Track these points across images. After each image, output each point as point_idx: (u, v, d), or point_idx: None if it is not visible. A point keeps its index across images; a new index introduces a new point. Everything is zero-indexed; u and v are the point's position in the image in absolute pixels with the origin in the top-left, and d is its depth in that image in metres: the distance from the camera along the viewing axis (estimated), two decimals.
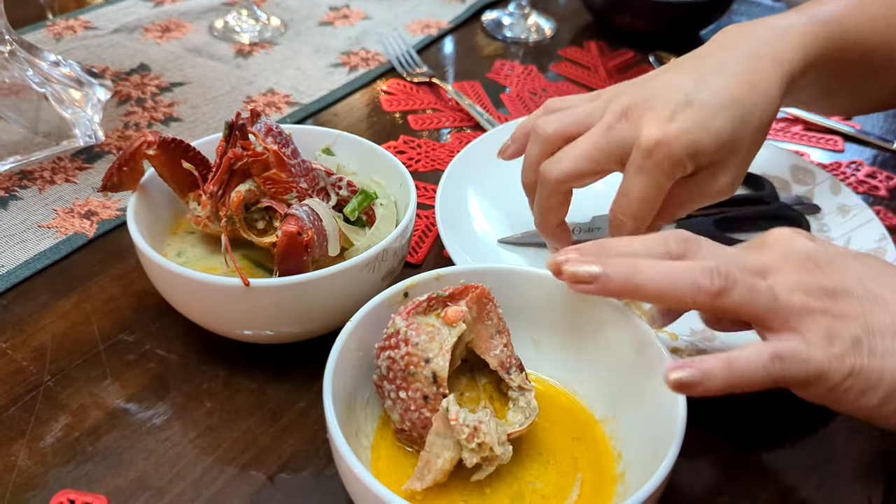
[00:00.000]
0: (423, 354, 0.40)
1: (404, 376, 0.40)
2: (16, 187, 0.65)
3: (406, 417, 0.41)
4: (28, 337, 0.52)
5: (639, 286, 0.37)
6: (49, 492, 0.43)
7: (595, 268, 0.38)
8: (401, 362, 0.40)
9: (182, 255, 0.53)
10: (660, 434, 0.40)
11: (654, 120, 0.46)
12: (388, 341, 0.41)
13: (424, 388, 0.40)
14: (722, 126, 0.47)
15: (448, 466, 0.39)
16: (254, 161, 0.47)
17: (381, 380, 0.41)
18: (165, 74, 0.82)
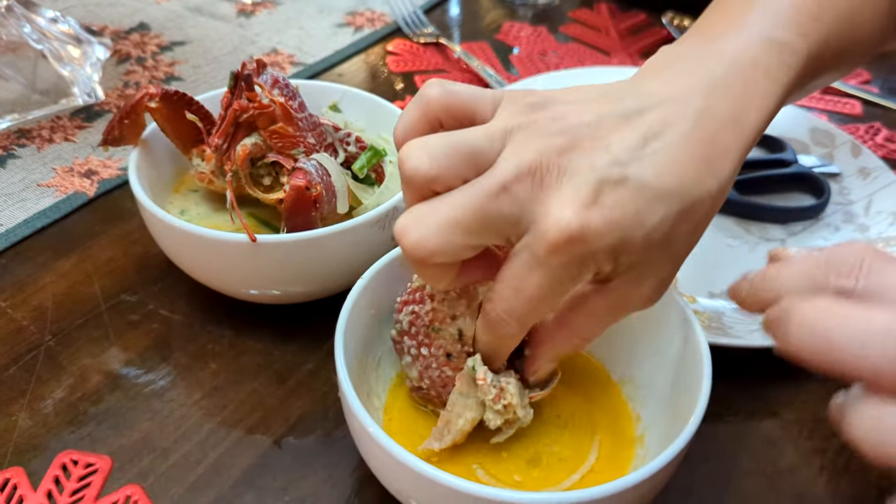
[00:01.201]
0: (449, 311, 0.39)
1: (427, 332, 0.39)
2: (14, 146, 0.63)
3: (426, 375, 0.39)
4: (28, 296, 0.51)
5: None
6: (51, 452, 0.42)
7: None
8: (425, 318, 0.39)
9: (185, 214, 0.51)
10: (680, 396, 0.38)
11: (571, 199, 0.31)
12: (412, 295, 0.40)
13: (448, 345, 0.39)
14: (660, 220, 0.33)
15: (469, 427, 0.37)
16: (260, 114, 0.46)
17: (400, 335, 0.40)
18: (166, 34, 0.80)
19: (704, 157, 0.34)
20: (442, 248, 0.32)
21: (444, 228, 0.32)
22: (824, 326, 0.27)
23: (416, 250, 0.32)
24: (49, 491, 0.40)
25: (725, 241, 0.58)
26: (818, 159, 0.64)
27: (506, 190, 0.32)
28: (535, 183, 0.32)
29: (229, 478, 0.41)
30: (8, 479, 0.40)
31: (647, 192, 0.32)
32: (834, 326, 0.27)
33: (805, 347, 0.28)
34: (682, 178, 0.33)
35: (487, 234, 0.33)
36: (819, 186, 0.61)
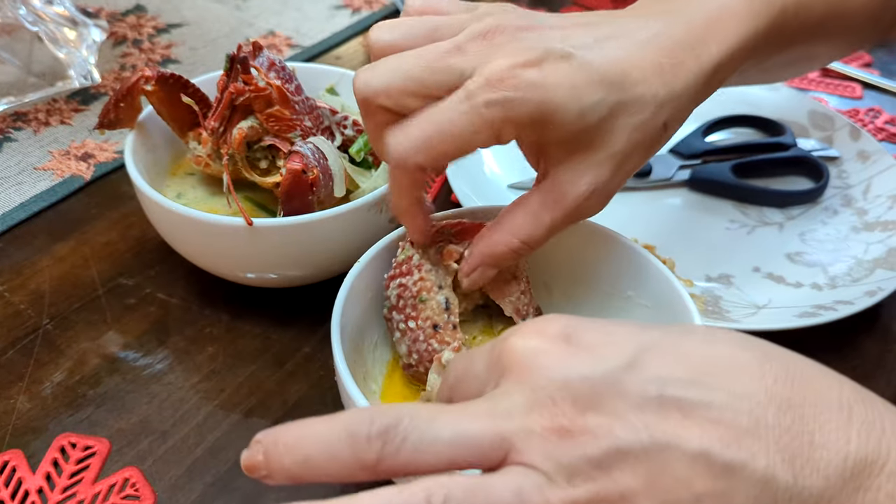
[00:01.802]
0: (436, 280, 0.39)
1: (415, 304, 0.39)
2: (10, 129, 0.63)
3: (413, 349, 0.39)
4: (25, 280, 0.51)
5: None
6: (50, 435, 0.42)
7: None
8: (413, 288, 0.39)
9: (182, 197, 0.51)
10: None
11: (513, 55, 0.33)
12: (398, 269, 0.40)
13: (435, 315, 0.39)
14: (596, 102, 0.34)
15: None
16: (256, 97, 0.45)
17: (390, 311, 0.40)
18: (162, 15, 0.79)
19: (655, 64, 0.35)
20: (385, 87, 0.35)
21: (390, 71, 0.35)
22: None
23: (362, 88, 0.36)
24: (48, 473, 0.40)
25: (723, 224, 0.58)
26: (817, 143, 0.64)
27: (459, 48, 0.34)
28: (487, 43, 0.34)
29: (227, 461, 0.41)
30: (7, 462, 0.40)
31: (589, 73, 0.34)
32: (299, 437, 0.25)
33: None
34: (627, 73, 0.35)
35: (433, 83, 0.34)
36: (818, 170, 0.61)
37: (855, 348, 0.50)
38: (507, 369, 0.26)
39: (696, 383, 0.25)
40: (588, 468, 0.24)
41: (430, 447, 0.24)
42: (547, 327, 0.27)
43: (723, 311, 0.50)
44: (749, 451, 0.24)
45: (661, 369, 0.25)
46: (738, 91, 0.69)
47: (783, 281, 0.53)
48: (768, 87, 0.68)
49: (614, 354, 0.26)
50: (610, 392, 0.25)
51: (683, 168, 0.61)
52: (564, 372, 0.25)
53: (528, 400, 0.25)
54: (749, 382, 0.25)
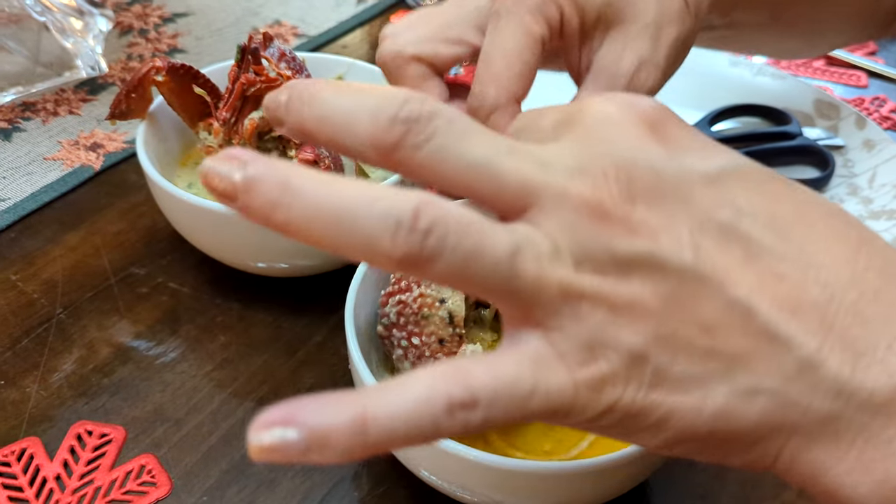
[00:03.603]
0: (437, 295, 0.39)
1: (417, 320, 0.38)
2: (19, 119, 0.63)
3: (420, 365, 0.39)
4: (38, 270, 0.51)
5: (285, 222, 0.20)
6: (66, 423, 0.42)
7: (236, 175, 0.21)
8: (413, 305, 0.39)
9: (193, 187, 0.51)
10: None
11: None
12: (396, 286, 0.39)
13: (440, 330, 0.38)
14: None
15: None
16: (267, 87, 0.46)
17: (388, 329, 0.39)
18: (168, 5, 0.79)
19: None
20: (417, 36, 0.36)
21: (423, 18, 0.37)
22: (322, 95, 0.22)
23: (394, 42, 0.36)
24: (65, 460, 0.40)
25: None
26: (823, 132, 0.64)
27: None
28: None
29: (241, 447, 0.42)
30: (24, 449, 0.41)
31: None
32: (329, 96, 0.22)
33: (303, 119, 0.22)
34: None
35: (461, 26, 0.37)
36: (824, 159, 0.61)
37: None
38: (574, 128, 0.23)
39: (777, 229, 0.21)
40: (606, 261, 0.21)
41: (452, 160, 0.21)
42: (638, 101, 0.23)
43: None
44: (804, 325, 0.21)
45: (745, 198, 0.22)
46: (744, 80, 0.69)
47: None
48: (774, 76, 0.69)
49: (700, 160, 0.22)
50: (675, 194, 0.21)
51: None
52: (634, 151, 0.22)
53: (577, 163, 0.21)
54: (838, 255, 0.22)
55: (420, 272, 0.20)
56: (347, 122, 0.21)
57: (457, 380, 0.20)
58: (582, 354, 0.21)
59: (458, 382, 0.20)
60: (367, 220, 0.20)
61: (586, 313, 0.21)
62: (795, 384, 0.20)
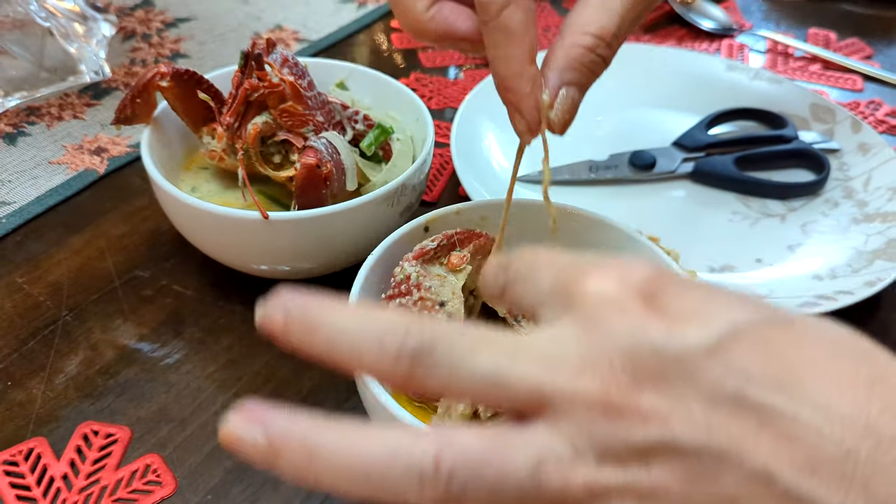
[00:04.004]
0: (436, 298, 0.39)
1: None
2: (24, 123, 0.64)
3: None
4: (43, 272, 0.52)
5: (318, 484, 0.22)
6: (72, 423, 0.43)
7: (259, 440, 0.22)
8: (413, 308, 0.39)
9: (197, 191, 0.52)
10: None
11: None
12: (397, 289, 0.40)
13: None
14: None
15: (469, 411, 0.38)
16: (270, 92, 0.46)
17: None
18: (170, 10, 0.80)
19: None
20: None
21: None
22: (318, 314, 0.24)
23: None
24: (72, 460, 0.41)
25: (726, 216, 0.59)
26: (819, 135, 0.65)
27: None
28: None
29: None
30: (32, 449, 0.41)
31: None
32: (330, 328, 0.23)
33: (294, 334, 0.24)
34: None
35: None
36: (819, 162, 0.62)
37: None
38: (573, 308, 0.23)
39: (786, 388, 0.21)
40: (625, 453, 0.21)
41: (462, 379, 0.22)
42: (632, 275, 0.24)
43: None
44: (825, 486, 0.21)
45: (748, 362, 0.22)
46: (741, 84, 0.70)
47: (785, 272, 0.54)
48: (771, 80, 0.69)
49: (698, 331, 0.22)
50: (680, 374, 0.22)
51: (687, 161, 0.62)
52: (634, 336, 0.22)
53: (583, 356, 0.22)
54: (850, 404, 0.21)
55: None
56: (354, 354, 0.23)
57: None
58: None
59: None
60: (393, 477, 0.21)
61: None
62: None
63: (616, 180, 0.61)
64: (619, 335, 0.22)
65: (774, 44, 0.83)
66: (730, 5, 0.90)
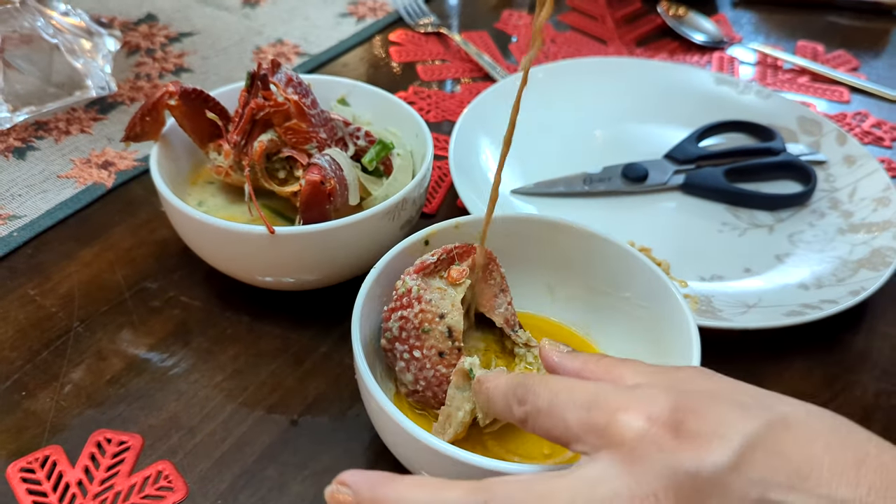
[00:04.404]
0: (436, 311, 0.41)
1: (418, 334, 0.41)
2: (32, 138, 0.65)
3: (420, 377, 0.42)
4: (55, 284, 0.53)
5: None
6: (86, 431, 0.44)
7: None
8: (414, 320, 0.41)
9: (203, 205, 0.54)
10: None
11: None
12: (398, 302, 0.42)
13: (440, 344, 0.41)
14: None
15: (468, 419, 0.39)
16: (275, 111, 0.48)
17: (391, 342, 0.42)
18: (173, 24, 0.82)
19: None
20: None
21: None
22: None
23: None
24: (86, 467, 0.43)
25: (716, 227, 0.61)
26: (805, 147, 0.67)
27: None
28: None
29: (252, 453, 0.44)
30: (48, 457, 0.43)
31: None
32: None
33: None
34: None
35: None
36: (806, 174, 0.64)
37: (840, 345, 0.53)
38: (612, 446, 0.28)
39: (796, 488, 0.26)
40: None
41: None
42: (655, 410, 0.28)
43: (715, 310, 0.52)
44: None
45: (764, 471, 0.27)
46: (730, 98, 0.72)
47: (772, 281, 0.56)
48: (759, 93, 0.71)
49: (722, 451, 0.27)
50: (713, 492, 0.26)
51: (678, 173, 0.64)
52: (671, 466, 0.27)
53: (631, 493, 0.27)
54: (846, 490, 0.26)
55: None
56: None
57: None
58: None
59: None
60: None
61: None
62: None
63: (609, 192, 0.63)
64: (659, 468, 0.26)
65: (764, 56, 0.85)
66: (720, 18, 0.92)
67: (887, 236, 0.57)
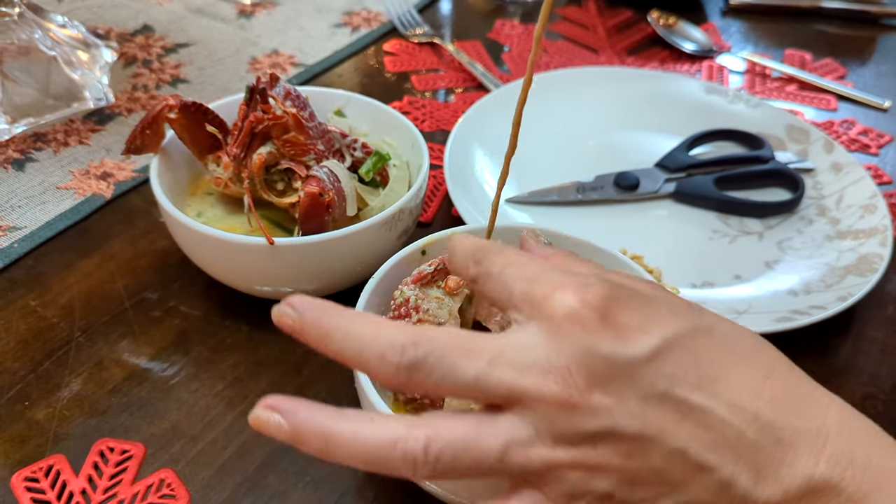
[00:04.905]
0: (434, 320, 0.42)
1: None
2: (31, 149, 0.66)
3: None
4: (56, 295, 0.54)
5: (334, 461, 0.28)
6: (89, 440, 0.45)
7: (284, 426, 0.28)
8: None
9: (202, 216, 0.54)
10: None
11: None
12: (397, 311, 0.43)
13: None
14: None
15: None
16: (274, 124, 0.49)
17: None
18: (169, 35, 0.82)
19: None
20: None
21: None
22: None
23: None
24: (90, 475, 0.43)
25: (707, 234, 0.62)
26: (794, 155, 0.68)
27: None
28: None
29: (253, 461, 0.45)
30: (51, 466, 0.44)
31: None
32: (339, 338, 0.30)
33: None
34: None
35: None
36: (794, 182, 0.65)
37: (828, 350, 0.54)
38: (542, 318, 0.29)
39: (702, 388, 0.29)
40: (577, 437, 0.28)
41: (449, 385, 0.28)
42: (589, 295, 0.29)
43: None
44: (722, 458, 0.28)
45: (676, 368, 0.29)
46: (720, 107, 0.73)
47: (762, 287, 0.57)
48: (748, 102, 0.73)
49: (640, 343, 0.29)
50: (623, 377, 0.28)
51: (669, 181, 0.65)
52: (590, 347, 0.28)
53: (549, 362, 0.28)
54: (746, 398, 0.29)
55: (438, 480, 0.28)
56: (360, 361, 0.29)
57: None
58: (566, 500, 0.29)
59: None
60: (393, 460, 0.28)
61: (567, 476, 0.29)
62: (717, 497, 0.28)
63: (602, 201, 0.64)
64: (578, 346, 0.28)
65: (753, 65, 0.86)
66: (710, 27, 0.93)
67: (874, 243, 0.58)
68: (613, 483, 0.29)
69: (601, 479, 0.29)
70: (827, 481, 0.28)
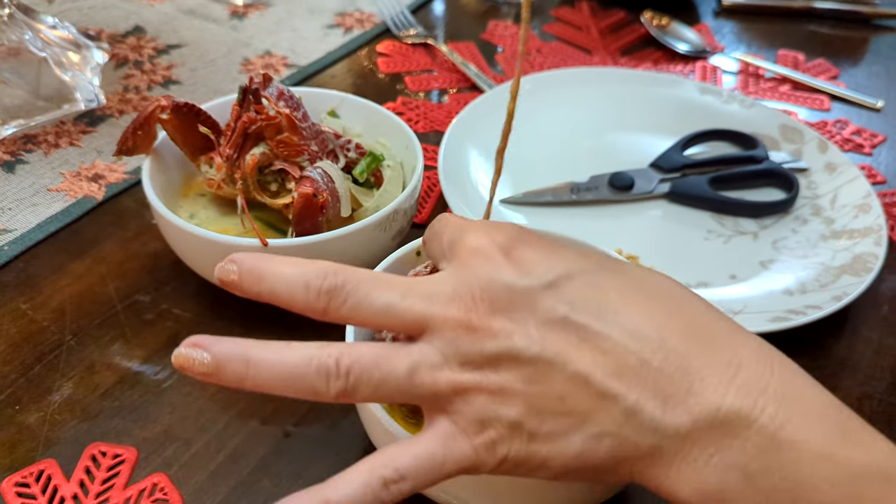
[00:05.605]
0: None
1: None
2: (21, 151, 0.65)
3: None
4: (46, 298, 0.53)
5: (254, 386, 0.30)
6: (80, 445, 0.45)
7: (206, 358, 0.30)
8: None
9: (195, 217, 0.54)
10: None
11: None
12: None
13: None
14: None
15: None
16: (267, 125, 0.49)
17: None
18: (161, 37, 0.82)
19: None
20: None
21: None
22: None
23: None
24: (81, 480, 0.43)
25: (701, 234, 0.62)
26: (788, 155, 0.68)
27: None
28: None
29: (247, 465, 0.45)
30: (42, 471, 0.43)
31: None
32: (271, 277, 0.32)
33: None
34: None
35: None
36: (789, 181, 0.65)
37: (824, 350, 0.54)
38: (454, 257, 0.32)
39: (601, 315, 0.29)
40: (480, 360, 0.29)
41: (364, 311, 0.30)
42: (496, 234, 0.31)
43: None
44: (625, 385, 0.28)
45: (576, 296, 0.30)
46: (714, 107, 0.73)
47: (757, 287, 0.57)
48: (742, 103, 0.73)
49: (540, 273, 0.30)
50: (523, 303, 0.29)
51: (664, 181, 0.65)
52: (492, 276, 0.30)
53: (454, 291, 0.30)
54: (650, 328, 0.29)
55: (350, 399, 0.30)
56: (290, 295, 0.31)
57: (386, 464, 0.29)
58: (476, 427, 0.29)
59: (388, 465, 0.28)
60: (309, 377, 0.29)
61: (473, 399, 0.29)
62: (626, 427, 0.28)
63: (597, 201, 0.64)
64: (482, 276, 0.30)
65: (746, 65, 0.86)
66: (702, 28, 0.94)
67: (868, 242, 0.58)
68: (521, 411, 0.29)
69: (508, 406, 0.29)
70: (737, 411, 0.28)
